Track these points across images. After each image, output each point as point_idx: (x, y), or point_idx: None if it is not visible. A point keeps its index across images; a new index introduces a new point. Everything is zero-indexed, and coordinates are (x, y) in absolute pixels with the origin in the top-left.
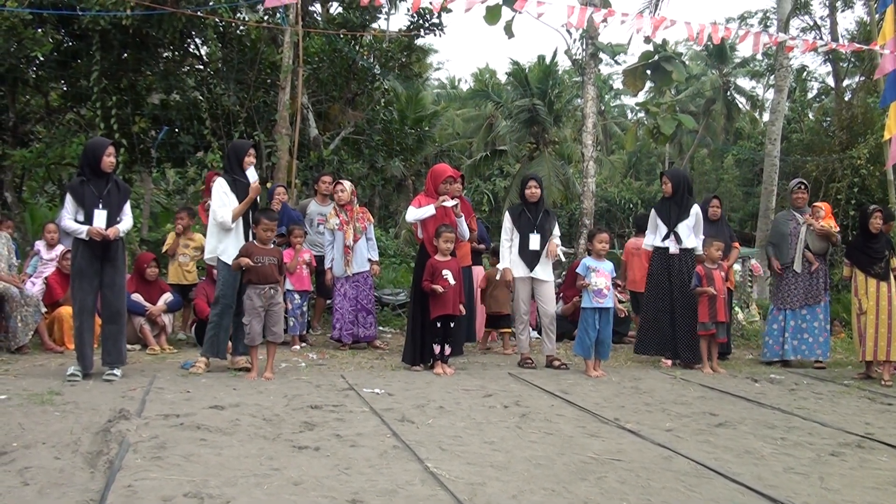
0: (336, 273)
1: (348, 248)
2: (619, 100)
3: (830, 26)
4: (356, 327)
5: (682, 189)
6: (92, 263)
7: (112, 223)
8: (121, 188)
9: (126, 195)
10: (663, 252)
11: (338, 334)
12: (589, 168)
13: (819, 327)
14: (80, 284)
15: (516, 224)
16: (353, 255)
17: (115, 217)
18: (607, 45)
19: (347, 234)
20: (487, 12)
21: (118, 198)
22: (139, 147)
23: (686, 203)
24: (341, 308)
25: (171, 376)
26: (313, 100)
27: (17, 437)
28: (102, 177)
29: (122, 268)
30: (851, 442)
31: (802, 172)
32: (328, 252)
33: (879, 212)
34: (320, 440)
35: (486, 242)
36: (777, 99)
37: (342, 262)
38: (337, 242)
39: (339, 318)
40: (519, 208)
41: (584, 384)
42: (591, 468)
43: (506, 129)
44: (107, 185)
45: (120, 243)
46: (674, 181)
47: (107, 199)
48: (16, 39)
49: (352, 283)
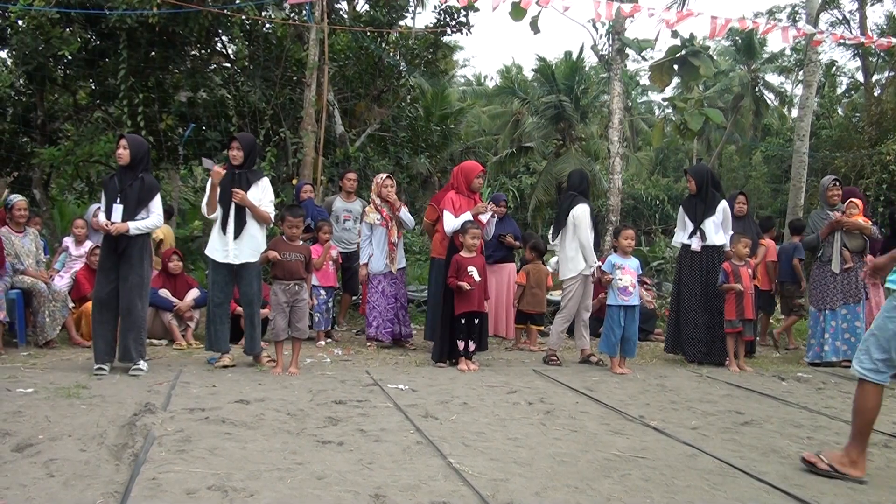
0: (375, 269)
1: (393, 244)
2: (646, 96)
3: (860, 20)
4: (396, 325)
5: (707, 185)
6: (109, 257)
7: (130, 218)
8: (146, 184)
9: (151, 192)
10: (690, 249)
11: (374, 332)
12: (615, 165)
13: (861, 327)
14: (97, 277)
15: (593, 222)
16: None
17: (134, 212)
18: (634, 40)
19: (392, 231)
20: (513, 8)
21: (140, 193)
22: (166, 144)
23: (712, 199)
24: (378, 305)
25: (197, 371)
26: (339, 97)
27: (44, 430)
28: (129, 171)
29: (140, 264)
30: (878, 441)
31: (831, 169)
32: (365, 248)
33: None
34: (344, 435)
35: (520, 240)
36: (806, 94)
37: (383, 258)
38: (377, 238)
39: (377, 316)
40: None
41: (609, 381)
42: (615, 465)
43: (532, 126)
44: (132, 180)
45: (138, 240)
46: (697, 178)
47: (126, 193)
48: (44, 38)
49: (390, 281)
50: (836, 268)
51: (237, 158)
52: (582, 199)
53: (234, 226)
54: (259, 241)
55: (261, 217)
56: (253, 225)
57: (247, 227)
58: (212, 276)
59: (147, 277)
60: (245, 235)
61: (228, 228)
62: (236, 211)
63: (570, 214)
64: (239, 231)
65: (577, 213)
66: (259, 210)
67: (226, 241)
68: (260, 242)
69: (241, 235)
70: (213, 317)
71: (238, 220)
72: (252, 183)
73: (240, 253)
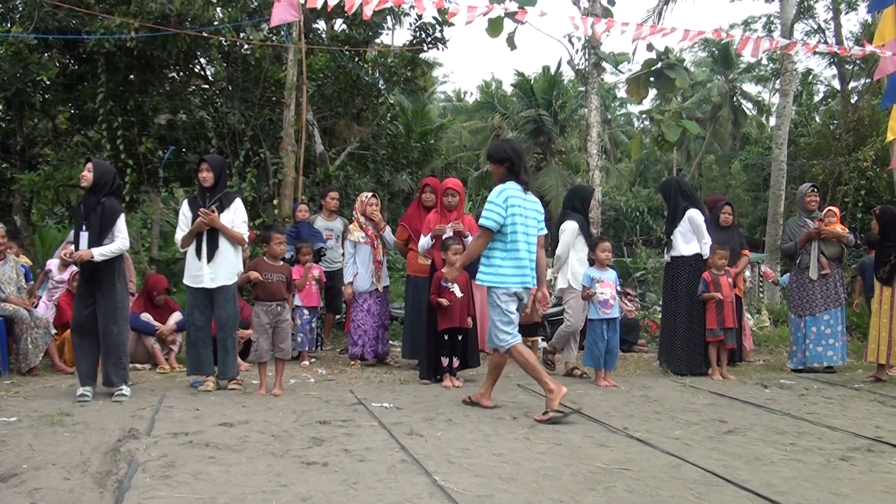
0: (360, 288)
1: (379, 262)
2: (624, 108)
3: (835, 29)
4: (379, 344)
5: (672, 197)
6: (83, 283)
7: (97, 244)
8: (107, 209)
9: (113, 217)
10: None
11: (359, 351)
12: (594, 177)
13: (842, 331)
14: (74, 303)
15: (585, 235)
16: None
17: (99, 238)
18: (609, 54)
19: (378, 250)
20: (490, 25)
21: (103, 219)
22: (146, 167)
23: (676, 210)
24: (364, 324)
25: (181, 395)
26: (318, 116)
27: (28, 459)
28: (91, 196)
29: (112, 289)
30: (861, 446)
31: (809, 176)
32: (349, 266)
33: (873, 213)
34: (328, 455)
35: None
36: (783, 103)
37: (368, 276)
38: (361, 256)
39: (362, 335)
40: (583, 219)
41: (594, 394)
42: (600, 478)
43: None
44: (95, 205)
45: (108, 265)
46: (662, 192)
47: (90, 220)
48: (22, 65)
49: (375, 299)
50: (814, 274)
51: (208, 180)
52: (573, 214)
53: (207, 249)
54: (234, 263)
55: (234, 238)
56: (227, 247)
57: (220, 250)
58: (190, 300)
59: (121, 301)
60: (219, 258)
61: (203, 253)
62: (209, 234)
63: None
64: (212, 254)
65: (563, 228)
66: (231, 231)
67: (200, 266)
68: (235, 264)
69: (215, 258)
70: (195, 340)
71: (211, 242)
72: (225, 206)
73: (215, 276)
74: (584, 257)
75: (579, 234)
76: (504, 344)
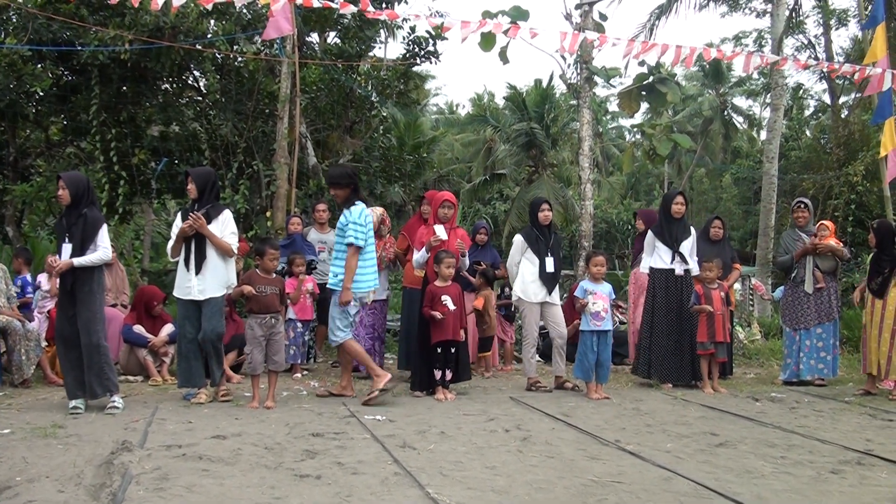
0: None
1: None
2: (616, 121)
3: (825, 44)
4: (374, 356)
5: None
6: (64, 294)
7: (79, 255)
8: (88, 221)
9: (95, 227)
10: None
11: (354, 363)
12: (586, 191)
13: (836, 345)
14: (57, 314)
15: (533, 248)
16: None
17: (81, 250)
18: (601, 68)
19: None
20: (483, 39)
21: (84, 231)
22: (139, 178)
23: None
24: (358, 336)
25: (174, 407)
26: (312, 128)
27: (21, 472)
28: (73, 210)
29: (90, 298)
30: (851, 459)
31: (799, 191)
32: None
33: (870, 226)
34: (322, 468)
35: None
36: (773, 117)
37: None
38: None
39: None
40: (533, 232)
41: (586, 407)
42: (592, 491)
43: (504, 153)
44: (77, 218)
45: (85, 275)
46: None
47: (73, 232)
48: (15, 76)
49: (369, 311)
50: (809, 288)
51: (192, 192)
52: (524, 227)
53: (195, 260)
54: (223, 274)
55: (222, 248)
56: (215, 258)
57: (208, 261)
58: (181, 312)
59: (98, 311)
60: (207, 269)
61: (191, 265)
62: (196, 244)
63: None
64: (200, 265)
65: (514, 240)
66: (219, 240)
67: (189, 278)
68: (224, 276)
69: (203, 270)
70: (186, 352)
71: (199, 253)
72: (213, 217)
73: (204, 288)
74: (534, 269)
75: (527, 247)
76: (340, 340)
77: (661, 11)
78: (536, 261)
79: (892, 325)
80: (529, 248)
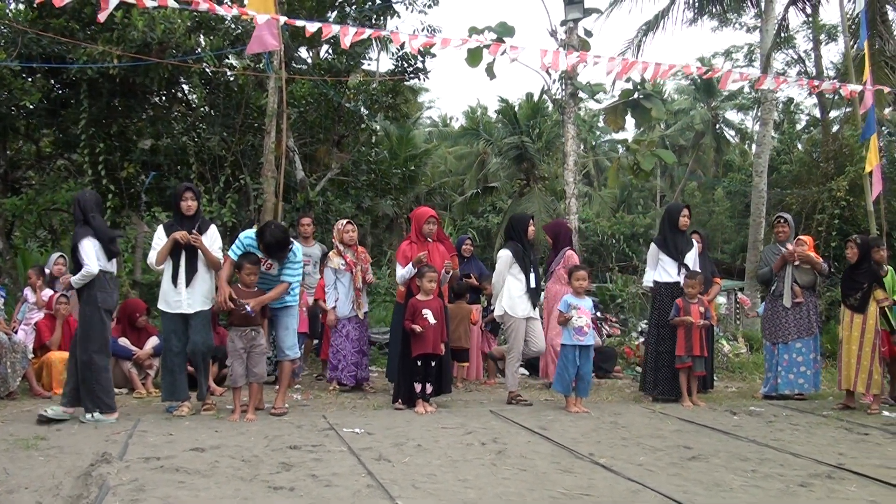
0: (340, 314)
1: (359, 290)
2: (609, 135)
3: (815, 59)
4: (358, 370)
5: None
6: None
7: (74, 272)
8: (74, 239)
9: (75, 247)
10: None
11: (340, 375)
12: (571, 205)
13: (815, 358)
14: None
15: (520, 263)
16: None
17: (75, 268)
18: (586, 84)
19: (357, 276)
20: (469, 55)
21: (72, 249)
22: (129, 192)
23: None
24: (343, 349)
25: (156, 419)
26: (300, 142)
27: (2, 482)
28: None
29: (84, 315)
30: (822, 472)
31: (782, 206)
32: (331, 293)
33: (851, 241)
34: (296, 480)
35: (484, 279)
36: (763, 132)
37: (349, 302)
38: (342, 283)
39: (342, 360)
40: (520, 248)
41: (564, 420)
42: (560, 503)
43: (496, 166)
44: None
45: (82, 292)
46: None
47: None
48: (5, 89)
49: (354, 325)
50: (788, 302)
51: (192, 209)
52: (509, 243)
53: (185, 274)
54: (210, 287)
55: (212, 262)
56: (204, 273)
57: (198, 275)
58: (167, 326)
59: (92, 328)
60: (196, 283)
61: (180, 278)
62: (187, 259)
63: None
64: (190, 279)
65: (498, 256)
66: (213, 256)
67: (178, 292)
68: (211, 288)
69: (193, 284)
70: (172, 366)
71: (189, 267)
72: (203, 231)
73: (193, 301)
74: (521, 285)
75: (514, 262)
76: (295, 356)
77: (647, 28)
78: (523, 276)
79: (872, 340)
80: (516, 264)
